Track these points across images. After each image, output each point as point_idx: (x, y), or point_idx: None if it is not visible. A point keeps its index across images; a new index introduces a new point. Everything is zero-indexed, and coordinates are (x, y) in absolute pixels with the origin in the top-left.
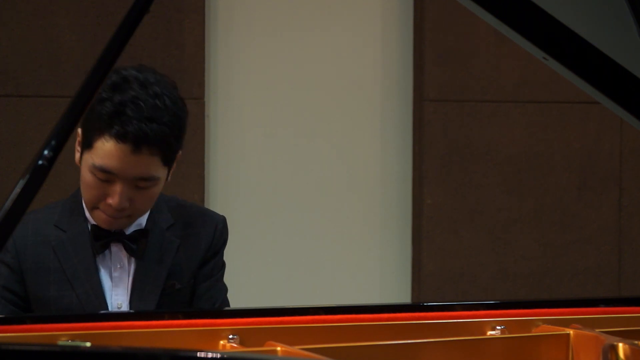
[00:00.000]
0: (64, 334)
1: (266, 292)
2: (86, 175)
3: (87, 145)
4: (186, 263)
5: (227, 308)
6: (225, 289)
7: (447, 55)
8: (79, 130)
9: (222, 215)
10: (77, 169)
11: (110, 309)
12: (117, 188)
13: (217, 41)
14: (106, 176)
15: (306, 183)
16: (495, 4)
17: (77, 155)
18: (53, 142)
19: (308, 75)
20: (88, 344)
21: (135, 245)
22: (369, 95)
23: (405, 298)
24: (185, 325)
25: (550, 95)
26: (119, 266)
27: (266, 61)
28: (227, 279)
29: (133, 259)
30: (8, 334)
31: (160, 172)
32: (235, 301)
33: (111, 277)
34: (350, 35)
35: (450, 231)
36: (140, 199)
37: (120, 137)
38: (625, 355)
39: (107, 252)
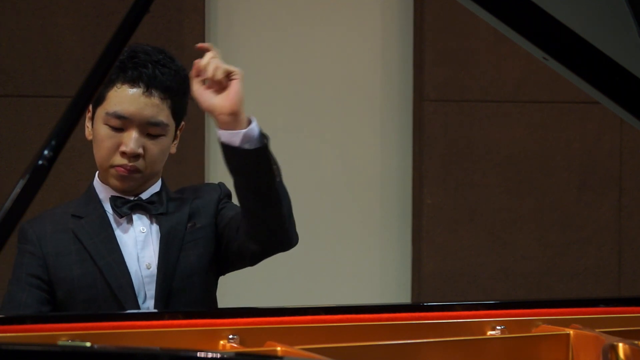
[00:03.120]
0: (64, 334)
1: (266, 292)
2: (100, 130)
3: (99, 101)
4: (203, 206)
5: (227, 308)
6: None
7: (447, 55)
8: (90, 106)
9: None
10: (76, 169)
11: (139, 272)
12: (131, 133)
13: (217, 41)
14: (120, 123)
15: (306, 183)
16: (495, 4)
17: (87, 130)
18: (53, 142)
19: (308, 76)
20: (88, 344)
21: (155, 204)
22: (369, 95)
23: (405, 298)
24: (185, 325)
25: (550, 95)
26: (142, 231)
27: (266, 61)
28: (228, 279)
29: (155, 222)
30: (8, 334)
31: (170, 122)
32: (235, 301)
33: (136, 242)
34: (350, 35)
35: (450, 231)
36: (151, 149)
37: (133, 80)
38: (625, 355)
39: (129, 223)
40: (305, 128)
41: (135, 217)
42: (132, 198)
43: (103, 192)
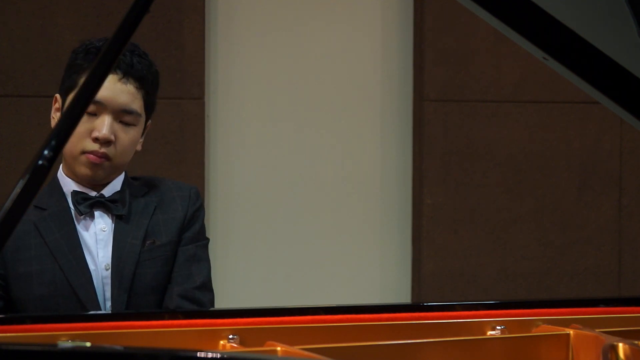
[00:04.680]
0: (64, 334)
1: (266, 292)
2: None
3: (71, 89)
4: (165, 223)
5: (227, 308)
6: (208, 265)
7: (447, 55)
8: (57, 96)
9: (194, 185)
10: None
11: (98, 272)
12: (104, 119)
13: (217, 41)
14: (94, 108)
15: (306, 183)
16: (495, 4)
17: (53, 121)
18: (53, 142)
19: (308, 76)
20: (88, 344)
21: (117, 204)
22: (369, 95)
23: (405, 298)
24: (185, 325)
25: (550, 95)
26: (103, 229)
27: (266, 61)
28: (228, 279)
29: (115, 222)
30: (8, 334)
31: (142, 113)
32: (235, 301)
33: (96, 241)
34: (350, 35)
35: (450, 231)
36: (122, 137)
37: None
38: (625, 355)
39: (90, 219)
40: (305, 128)
41: (96, 214)
42: (93, 195)
43: (67, 185)
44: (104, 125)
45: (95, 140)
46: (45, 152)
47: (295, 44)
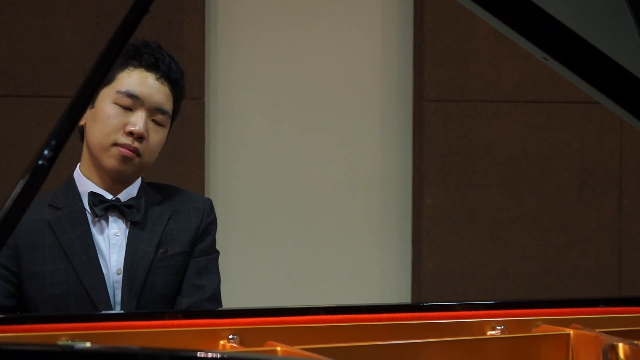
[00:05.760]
0: (64, 334)
1: (266, 292)
2: (107, 108)
3: (106, 82)
4: (178, 233)
5: (227, 308)
6: (219, 277)
7: (447, 55)
8: None
9: (209, 198)
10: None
11: (109, 275)
12: (139, 114)
13: (217, 41)
14: (131, 102)
15: (306, 183)
16: (495, 4)
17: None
18: (53, 142)
19: (308, 76)
20: (88, 344)
21: (132, 209)
22: (369, 95)
23: (405, 298)
24: (185, 325)
25: (550, 95)
26: (116, 234)
27: (266, 61)
28: (228, 279)
29: (129, 227)
30: (8, 334)
31: (170, 116)
32: (235, 301)
33: (109, 245)
34: (351, 35)
35: (450, 231)
36: (153, 136)
37: (150, 65)
38: (625, 355)
39: (105, 222)
40: (305, 128)
41: (111, 218)
42: (110, 198)
43: (83, 186)
44: (140, 119)
45: (130, 134)
46: (45, 152)
47: (295, 44)
